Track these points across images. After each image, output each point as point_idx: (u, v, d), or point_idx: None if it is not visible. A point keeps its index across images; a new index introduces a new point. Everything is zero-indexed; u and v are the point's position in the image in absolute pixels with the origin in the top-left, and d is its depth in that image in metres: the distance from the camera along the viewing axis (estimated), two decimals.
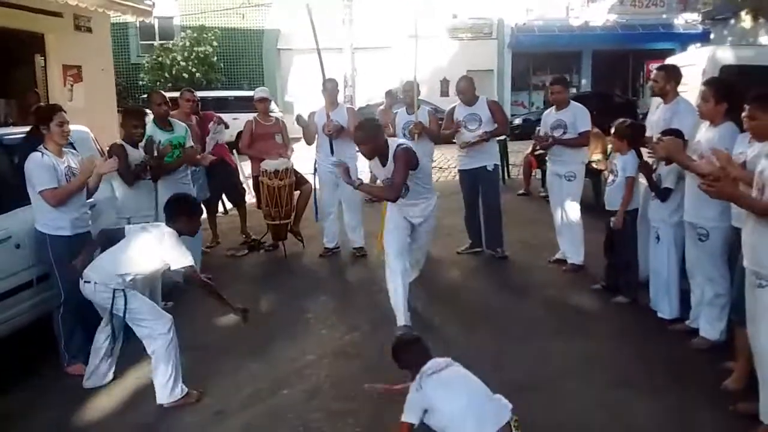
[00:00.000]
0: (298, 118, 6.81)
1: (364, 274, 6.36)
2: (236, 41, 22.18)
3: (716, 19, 24.45)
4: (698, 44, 25.02)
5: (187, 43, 19.98)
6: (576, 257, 6.13)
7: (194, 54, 19.84)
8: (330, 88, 6.70)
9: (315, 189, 6.97)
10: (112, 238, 4.04)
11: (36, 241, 4.25)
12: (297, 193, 7.00)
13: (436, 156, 11.08)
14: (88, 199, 4.47)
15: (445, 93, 23.31)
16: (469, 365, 3.01)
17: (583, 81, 25.45)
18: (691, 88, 5.62)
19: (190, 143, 5.97)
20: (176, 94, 7.33)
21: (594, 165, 8.44)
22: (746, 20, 25.16)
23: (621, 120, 5.25)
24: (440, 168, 13.53)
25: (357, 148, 6.61)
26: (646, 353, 4.34)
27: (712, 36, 23.83)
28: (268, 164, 6.71)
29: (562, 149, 6.11)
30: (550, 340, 4.58)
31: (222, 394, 3.92)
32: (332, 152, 6.55)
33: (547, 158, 6.50)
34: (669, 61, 6.80)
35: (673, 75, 5.17)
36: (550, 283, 5.82)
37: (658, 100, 5.46)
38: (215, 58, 20.49)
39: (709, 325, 4.38)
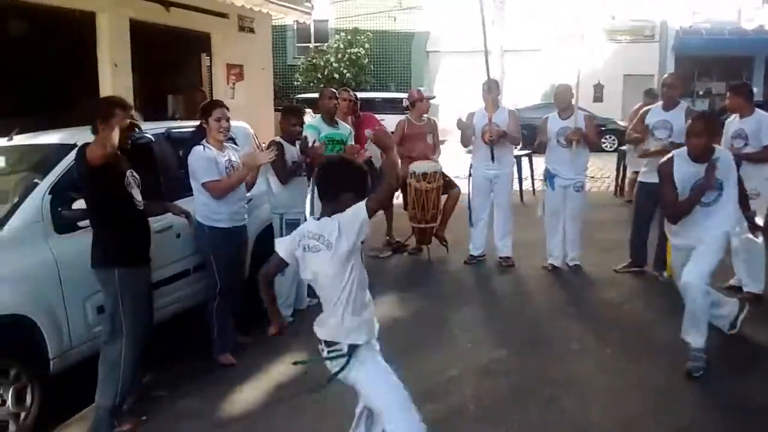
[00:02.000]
0: (459, 121, 6.63)
1: (511, 286, 6.06)
2: (387, 44, 22.47)
3: None
4: None
5: (341, 45, 20.49)
6: (754, 285, 5.46)
7: (347, 56, 20.31)
8: (492, 88, 6.45)
9: (468, 193, 6.73)
10: None
11: (195, 232, 4.38)
12: (444, 196, 6.84)
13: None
14: (246, 193, 4.56)
15: (598, 98, 22.26)
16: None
17: (755, 89, 23.18)
18: None
19: (351, 143, 6.02)
20: None
21: None
22: None
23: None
24: (591, 177, 12.81)
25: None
26: None
27: None
28: (417, 166, 6.60)
29: (743, 164, 5.44)
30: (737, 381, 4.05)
31: None
32: (493, 159, 6.31)
33: None
34: None
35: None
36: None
37: None
38: (366, 60, 20.87)
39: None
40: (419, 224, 6.71)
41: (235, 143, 4.84)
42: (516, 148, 7.02)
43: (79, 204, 3.59)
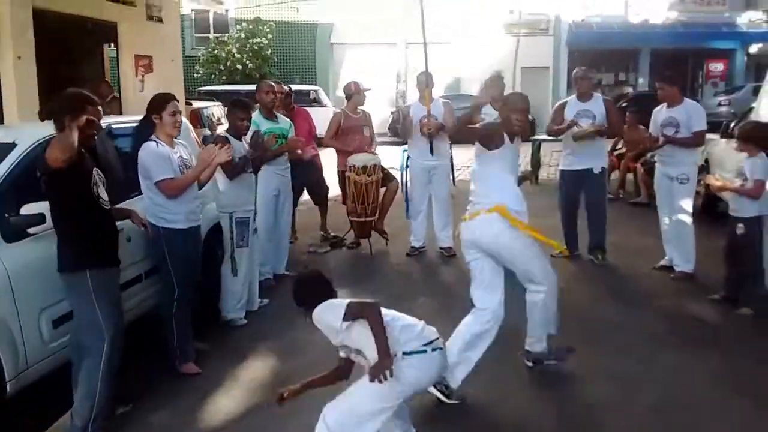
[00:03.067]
0: (398, 111, 6.59)
1: (460, 275, 6.08)
2: (290, 35, 22.10)
3: None
4: (760, 44, 24.26)
5: (243, 36, 19.93)
6: (686, 265, 5.78)
7: (249, 46, 19.77)
8: (429, 81, 6.45)
9: (405, 186, 6.72)
10: None
11: (147, 234, 4.09)
12: (383, 189, 6.79)
13: None
14: (199, 191, 4.31)
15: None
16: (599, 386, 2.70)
17: (641, 80, 24.75)
18: None
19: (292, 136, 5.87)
20: (232, 87, 7.16)
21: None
22: None
23: (746, 122, 4.89)
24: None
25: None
26: None
27: None
28: (356, 159, 6.52)
29: (674, 150, 5.76)
30: (678, 357, 4.24)
31: None
32: (432, 151, 6.32)
33: (655, 159, 6.15)
34: None
35: None
36: (662, 293, 5.49)
37: None
38: (269, 51, 20.41)
39: None
40: (359, 218, 6.63)
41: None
42: None
43: (28, 209, 3.26)
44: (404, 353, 2.69)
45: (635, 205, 9.03)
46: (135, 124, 4.28)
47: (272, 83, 6.11)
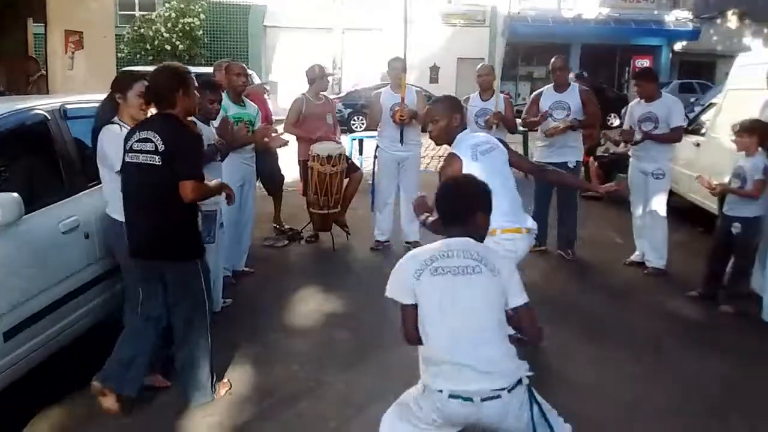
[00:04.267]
0: (370, 100, 6.25)
1: None
2: (222, 16, 21.25)
3: (703, 18, 24.60)
4: (684, 42, 25.23)
5: (172, 15, 18.95)
6: (658, 261, 5.73)
7: (179, 26, 18.83)
8: (399, 67, 6.13)
9: (373, 176, 6.38)
10: None
11: (107, 229, 3.61)
12: (346, 180, 6.43)
13: None
14: None
15: (434, 80, 22.86)
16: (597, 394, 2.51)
17: (571, 75, 25.21)
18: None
19: (259, 123, 5.41)
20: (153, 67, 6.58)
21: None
22: (732, 20, 25.45)
23: (748, 118, 4.81)
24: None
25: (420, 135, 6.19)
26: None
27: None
28: (320, 148, 6.11)
29: (651, 145, 5.67)
30: (676, 358, 4.14)
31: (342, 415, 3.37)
32: (402, 140, 6.01)
33: (630, 154, 6.07)
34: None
35: None
36: (641, 289, 5.40)
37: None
38: (201, 32, 19.52)
39: None
40: (321, 210, 6.24)
41: None
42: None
43: None
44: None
45: (588, 199, 9.01)
46: (95, 105, 3.76)
47: (243, 65, 5.63)
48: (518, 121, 6.62)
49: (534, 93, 6.35)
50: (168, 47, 18.75)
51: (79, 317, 3.54)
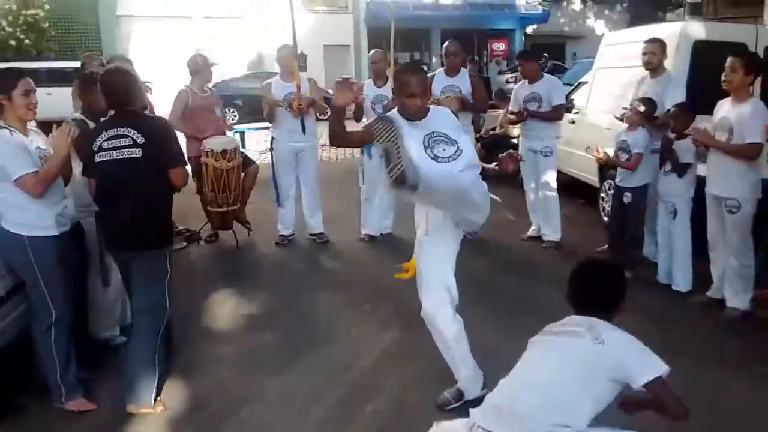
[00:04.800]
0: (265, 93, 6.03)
1: (346, 261, 5.79)
2: (69, 5, 19.68)
3: (551, 1, 26.12)
4: (535, 25, 26.68)
5: (13, 7, 17.30)
6: (554, 234, 6.05)
7: (22, 19, 17.24)
8: (288, 55, 5.98)
9: (272, 170, 6.19)
10: None
11: (5, 245, 3.25)
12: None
13: None
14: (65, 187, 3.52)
15: (302, 67, 22.34)
16: None
17: (434, 59, 25.92)
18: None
19: None
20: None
21: None
22: (576, 3, 27.23)
23: (644, 97, 5.15)
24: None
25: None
26: (679, 326, 4.32)
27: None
28: (213, 143, 5.87)
29: (537, 123, 5.95)
30: None
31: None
32: (304, 130, 5.88)
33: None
34: (632, 34, 6.77)
35: (665, 47, 5.20)
36: (543, 262, 5.67)
37: (640, 73, 5.46)
38: (47, 25, 18.00)
39: (737, 296, 4.44)
40: (220, 208, 5.99)
41: None
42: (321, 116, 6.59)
43: None
44: None
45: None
46: None
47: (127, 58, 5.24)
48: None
49: (428, 75, 6.41)
50: (12, 42, 17.13)
51: None
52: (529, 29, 26.67)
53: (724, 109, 4.39)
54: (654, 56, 5.14)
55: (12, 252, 3.25)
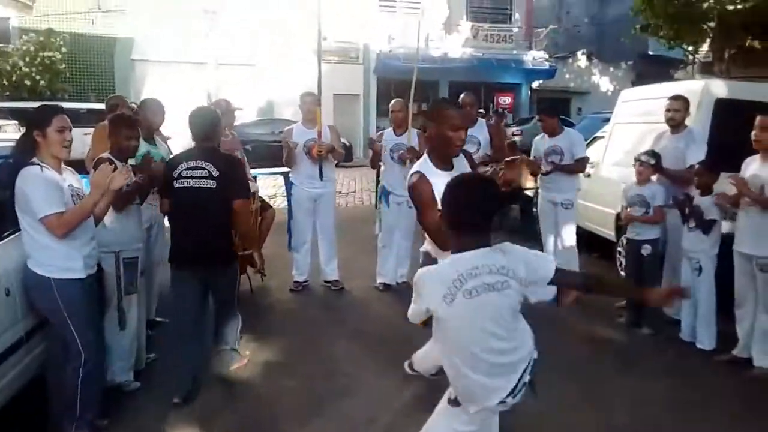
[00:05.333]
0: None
1: (365, 310, 5.69)
2: (86, 49, 19.98)
3: (557, 57, 26.57)
4: (541, 80, 27.06)
5: (31, 48, 17.57)
6: None
7: (39, 60, 17.49)
8: (311, 101, 6.03)
9: (289, 215, 6.17)
10: None
11: (31, 286, 3.19)
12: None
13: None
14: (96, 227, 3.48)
15: None
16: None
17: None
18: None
19: None
20: (17, 104, 6.05)
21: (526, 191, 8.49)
22: (582, 60, 27.71)
23: (646, 150, 5.18)
24: (342, 192, 13.00)
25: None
26: (707, 385, 4.22)
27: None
28: None
29: (559, 176, 5.96)
30: (606, 381, 4.29)
31: None
32: (321, 176, 5.88)
33: (539, 185, 6.33)
34: (650, 91, 6.82)
35: (688, 105, 5.25)
36: (560, 314, 5.55)
37: (658, 129, 5.50)
38: (63, 66, 18.25)
39: (766, 355, 4.35)
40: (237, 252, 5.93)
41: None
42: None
43: None
44: None
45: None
46: (10, 144, 3.34)
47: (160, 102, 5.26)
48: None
49: None
50: (28, 82, 17.33)
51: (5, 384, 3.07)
52: (535, 84, 27.02)
53: (754, 167, 4.38)
54: (678, 113, 5.20)
55: (39, 295, 3.20)
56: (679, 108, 5.19)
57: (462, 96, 6.27)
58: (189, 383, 3.90)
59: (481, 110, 11.25)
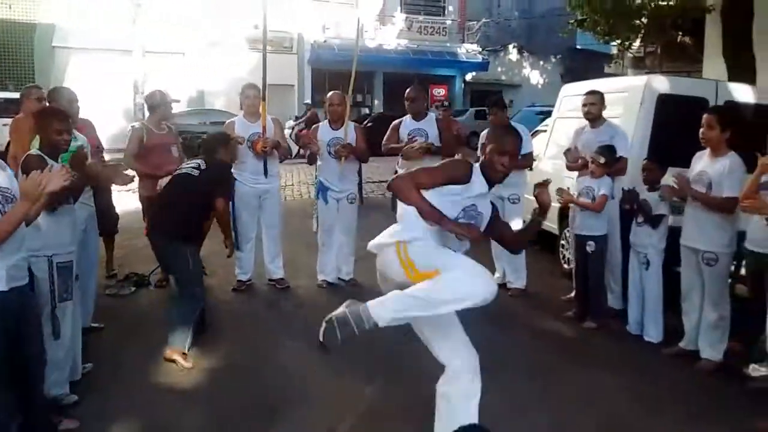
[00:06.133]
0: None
1: (311, 308, 5.50)
2: (2, 34, 18.89)
3: (489, 50, 26.90)
4: (474, 72, 27.36)
5: None
6: (519, 281, 6.00)
7: None
8: (253, 95, 5.79)
9: (233, 213, 5.89)
10: None
11: None
12: None
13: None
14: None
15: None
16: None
17: (376, 101, 26.15)
18: (626, 115, 5.87)
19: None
20: None
21: None
22: (513, 53, 28.16)
23: (603, 145, 5.20)
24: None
25: None
26: (656, 377, 4.29)
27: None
28: None
29: None
30: (562, 377, 4.29)
31: None
32: (266, 173, 5.65)
33: None
34: (592, 86, 6.90)
35: (603, 99, 5.44)
36: (509, 310, 5.56)
37: (579, 123, 5.62)
38: None
39: (712, 348, 4.44)
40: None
41: None
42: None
43: None
44: None
45: None
46: None
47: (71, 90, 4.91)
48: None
49: (395, 121, 6.33)
50: None
51: None
52: (469, 76, 27.31)
53: (702, 163, 4.44)
54: (594, 107, 5.43)
55: None
56: (595, 102, 5.41)
57: (408, 90, 6.16)
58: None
59: (447, 102, 11.30)
